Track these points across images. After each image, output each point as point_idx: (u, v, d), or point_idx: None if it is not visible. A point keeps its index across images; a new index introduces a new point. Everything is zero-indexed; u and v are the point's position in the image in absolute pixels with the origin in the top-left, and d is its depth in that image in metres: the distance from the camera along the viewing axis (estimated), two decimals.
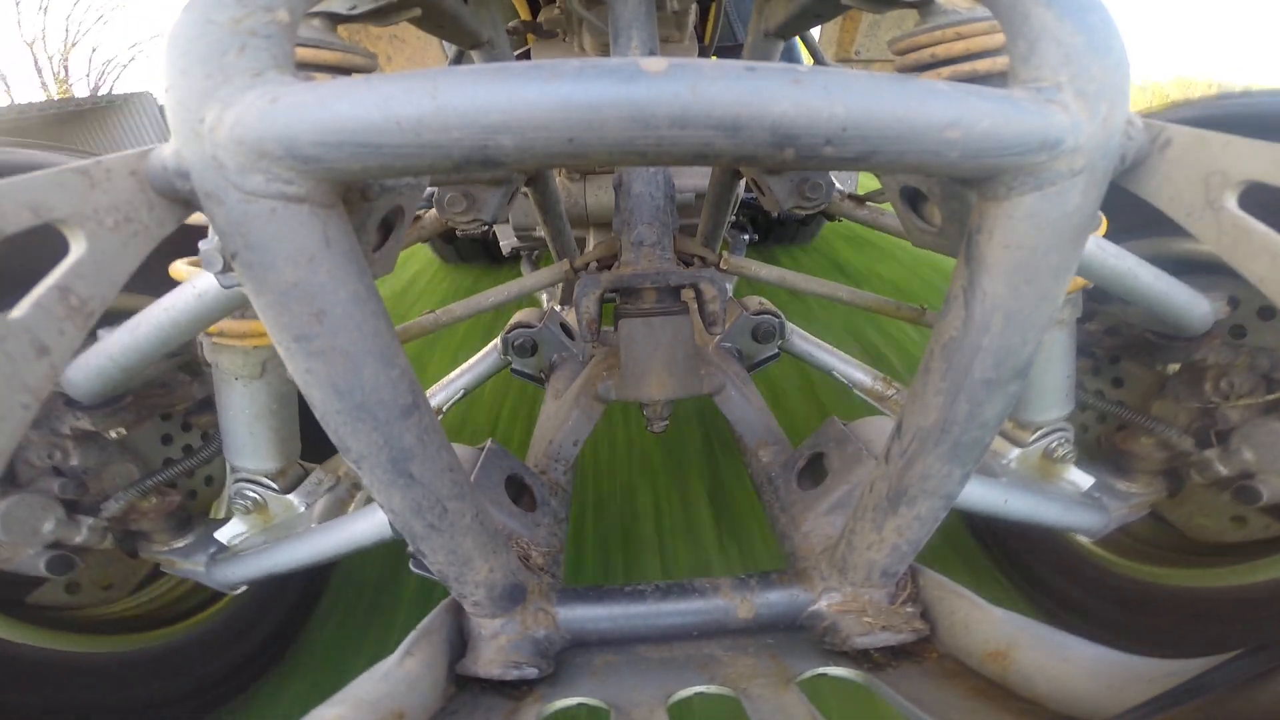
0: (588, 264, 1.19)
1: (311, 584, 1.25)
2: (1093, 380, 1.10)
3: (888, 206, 1.23)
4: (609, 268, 1.14)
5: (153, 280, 0.65)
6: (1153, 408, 0.99)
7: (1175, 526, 1.05)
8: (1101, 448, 1.10)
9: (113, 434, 0.85)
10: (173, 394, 0.91)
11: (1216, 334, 0.89)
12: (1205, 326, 0.81)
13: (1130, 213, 0.79)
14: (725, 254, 1.25)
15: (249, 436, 0.79)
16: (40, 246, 0.40)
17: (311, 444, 0.85)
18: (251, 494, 0.81)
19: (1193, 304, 0.78)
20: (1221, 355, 0.89)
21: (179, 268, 0.73)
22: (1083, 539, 1.08)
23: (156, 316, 0.65)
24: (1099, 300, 0.94)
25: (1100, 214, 0.77)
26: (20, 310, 0.36)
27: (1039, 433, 0.86)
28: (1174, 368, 0.95)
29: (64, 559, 0.82)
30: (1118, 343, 0.99)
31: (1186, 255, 0.89)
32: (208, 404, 0.94)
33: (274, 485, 0.81)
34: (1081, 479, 0.88)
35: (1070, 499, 0.87)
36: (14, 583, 0.85)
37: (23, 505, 0.79)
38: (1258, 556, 0.93)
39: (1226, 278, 0.88)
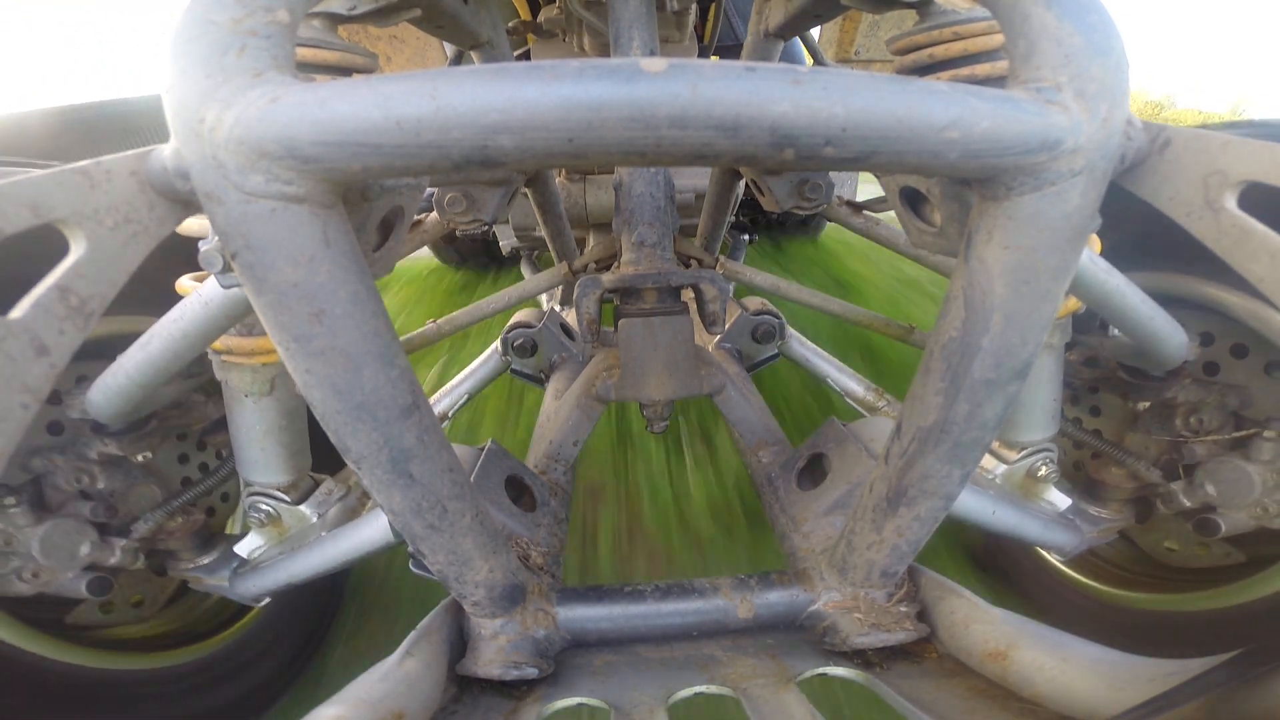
0: (585, 266, 1.19)
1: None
2: (1070, 408, 1.12)
3: (886, 216, 1.23)
4: (607, 269, 1.14)
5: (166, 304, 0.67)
6: (1126, 439, 1.01)
7: (1145, 551, 1.08)
8: (1077, 472, 1.12)
9: (139, 457, 0.87)
10: (189, 415, 0.94)
11: (1188, 372, 0.91)
12: (1182, 358, 0.82)
13: (1107, 245, 0.80)
14: (722, 258, 1.25)
15: (260, 452, 0.81)
16: (40, 246, 0.40)
17: (322, 456, 0.86)
18: (265, 507, 0.83)
19: (1172, 333, 0.79)
20: (1192, 393, 0.91)
21: (184, 284, 0.74)
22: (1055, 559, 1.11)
23: (167, 330, 0.65)
24: (1079, 330, 0.96)
25: (1095, 236, 0.78)
26: (20, 310, 0.36)
27: (1024, 452, 0.87)
28: (1144, 405, 0.98)
29: (102, 580, 0.85)
30: (1096, 374, 1.01)
31: (1160, 292, 0.90)
32: (222, 424, 0.96)
33: (286, 498, 0.82)
34: (1060, 499, 0.90)
35: (1049, 517, 0.89)
36: (53, 604, 0.88)
37: (59, 530, 0.82)
38: (1226, 582, 0.95)
39: (1202, 313, 0.90)
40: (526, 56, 1.97)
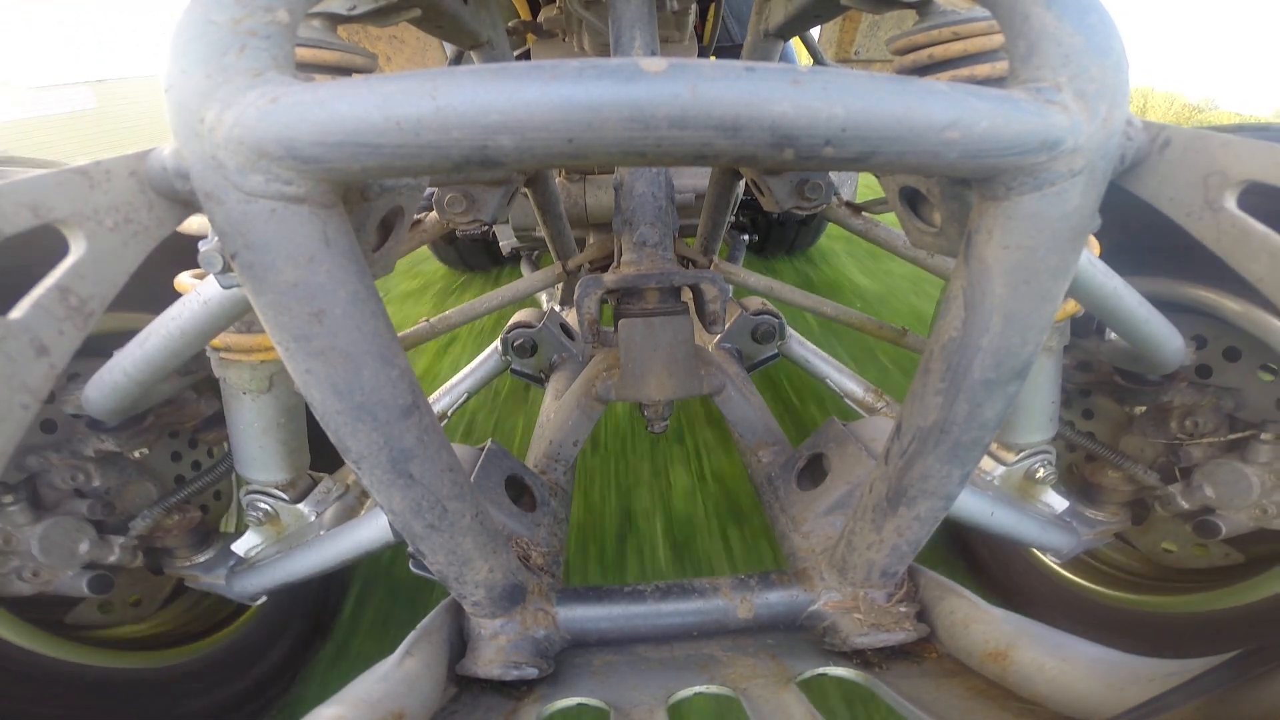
0: (580, 266, 1.19)
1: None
2: (1064, 412, 1.12)
3: (885, 218, 1.23)
4: (603, 269, 1.14)
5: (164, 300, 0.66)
6: (1121, 442, 1.01)
7: (1143, 553, 1.08)
8: (1071, 475, 1.12)
9: (135, 454, 0.87)
10: (182, 412, 0.93)
11: (1182, 375, 0.91)
12: (1179, 362, 0.82)
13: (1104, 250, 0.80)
14: (717, 259, 1.26)
15: (258, 449, 0.80)
16: (40, 247, 0.40)
17: (321, 454, 0.86)
18: (263, 505, 0.82)
19: (1169, 337, 0.79)
20: (1187, 396, 0.92)
21: (184, 281, 0.73)
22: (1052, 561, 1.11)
23: (165, 327, 0.65)
24: (1074, 333, 0.96)
25: (1094, 238, 0.77)
26: (20, 310, 0.36)
27: (1022, 454, 0.87)
28: (1139, 409, 0.98)
29: (103, 578, 0.85)
30: (1090, 378, 1.02)
31: (1152, 295, 0.89)
32: (215, 421, 0.96)
33: (284, 496, 0.82)
34: (1057, 502, 0.90)
35: (1046, 520, 0.89)
36: (53, 603, 0.87)
37: (58, 528, 0.81)
38: (1226, 583, 0.95)
39: (1194, 317, 0.91)
40: (526, 56, 1.97)
